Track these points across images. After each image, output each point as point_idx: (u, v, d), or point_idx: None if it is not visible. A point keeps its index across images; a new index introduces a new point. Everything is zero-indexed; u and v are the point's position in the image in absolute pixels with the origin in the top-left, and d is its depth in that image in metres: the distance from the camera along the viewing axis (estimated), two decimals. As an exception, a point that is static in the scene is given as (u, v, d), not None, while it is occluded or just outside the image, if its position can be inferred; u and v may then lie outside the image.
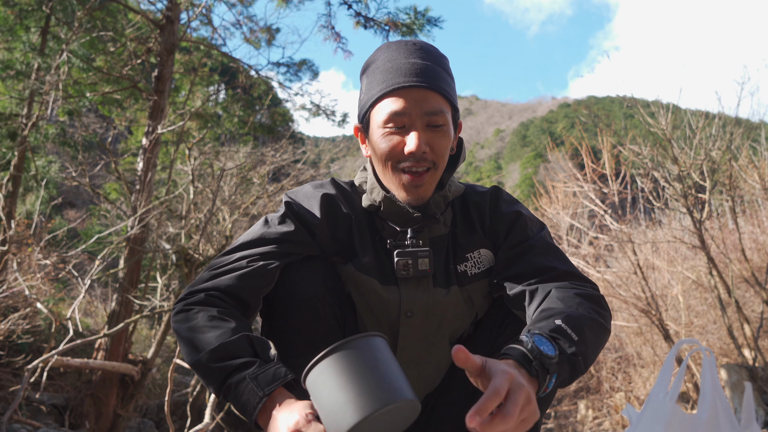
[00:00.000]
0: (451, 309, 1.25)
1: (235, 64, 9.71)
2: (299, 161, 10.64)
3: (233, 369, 0.96)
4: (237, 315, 1.09)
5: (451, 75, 1.25)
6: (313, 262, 1.22)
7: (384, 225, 1.27)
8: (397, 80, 1.16)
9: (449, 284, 1.25)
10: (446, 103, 1.18)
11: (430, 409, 1.32)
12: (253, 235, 1.21)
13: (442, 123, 1.17)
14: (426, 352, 1.27)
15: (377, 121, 1.18)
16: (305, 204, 1.26)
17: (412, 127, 1.16)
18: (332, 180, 1.34)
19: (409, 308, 1.23)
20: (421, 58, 1.19)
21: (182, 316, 1.09)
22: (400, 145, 1.16)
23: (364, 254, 1.24)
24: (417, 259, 1.20)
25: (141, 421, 7.65)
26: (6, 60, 7.68)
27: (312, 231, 1.23)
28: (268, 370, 0.95)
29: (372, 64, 1.24)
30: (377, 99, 1.18)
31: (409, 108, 1.14)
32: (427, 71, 1.17)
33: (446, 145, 1.19)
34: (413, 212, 1.22)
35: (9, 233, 6.01)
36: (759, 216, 9.60)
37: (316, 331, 1.16)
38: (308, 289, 1.17)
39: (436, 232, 1.27)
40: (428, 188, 1.21)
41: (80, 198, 23.40)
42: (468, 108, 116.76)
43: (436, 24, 6.88)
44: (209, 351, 0.98)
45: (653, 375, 7.40)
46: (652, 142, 6.62)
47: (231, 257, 1.18)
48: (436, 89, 1.16)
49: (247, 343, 1.00)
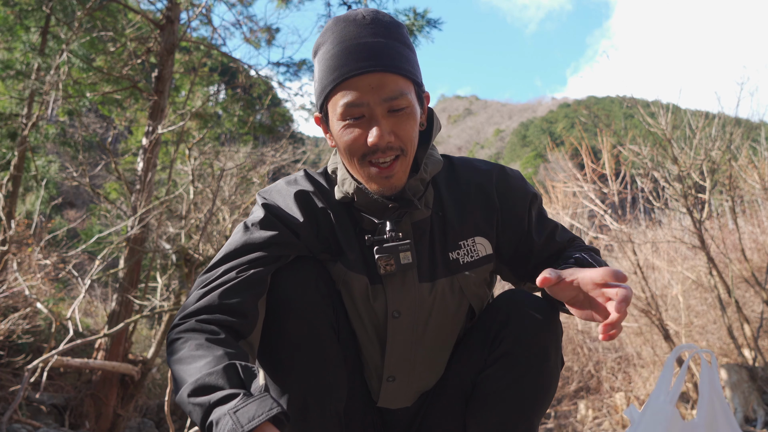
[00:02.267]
0: (438, 305, 1.21)
1: (234, 64, 9.71)
2: (299, 161, 10.64)
3: (213, 403, 0.87)
4: (226, 340, 1.01)
5: (408, 45, 1.14)
6: (303, 264, 1.17)
7: (362, 217, 1.20)
8: (348, 68, 1.06)
9: (435, 277, 1.20)
10: (407, 81, 1.09)
11: (425, 408, 1.30)
12: (237, 244, 1.14)
13: (404, 105, 1.08)
14: (416, 351, 1.24)
15: (335, 114, 1.10)
16: (282, 204, 1.20)
17: (372, 117, 1.07)
18: (305, 173, 1.27)
19: (395, 308, 1.19)
20: (372, 35, 1.08)
21: (171, 348, 1.02)
22: (362, 137, 1.08)
23: (350, 250, 1.19)
24: (398, 254, 1.14)
25: (141, 421, 7.65)
26: (6, 60, 7.68)
27: (296, 231, 1.17)
28: (250, 404, 0.85)
29: (322, 46, 1.13)
30: (330, 91, 1.09)
31: (366, 97, 1.06)
32: (381, 51, 1.07)
33: (412, 127, 1.11)
34: (388, 202, 1.15)
35: (9, 233, 6.01)
36: (759, 216, 9.60)
37: (312, 338, 1.13)
38: (300, 295, 1.13)
39: (418, 216, 1.20)
40: (400, 176, 1.13)
41: (80, 198, 23.39)
42: (468, 108, 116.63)
43: (435, 25, 6.87)
44: (189, 384, 0.91)
45: (653, 375, 7.40)
46: (652, 142, 6.62)
47: (217, 271, 1.11)
48: (393, 70, 1.06)
49: (233, 372, 0.91)
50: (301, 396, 1.13)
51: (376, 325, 1.22)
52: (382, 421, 1.32)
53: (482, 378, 1.21)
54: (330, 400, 1.15)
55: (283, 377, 1.14)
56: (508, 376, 1.17)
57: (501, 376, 1.18)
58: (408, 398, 1.29)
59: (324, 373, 1.14)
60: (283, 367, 1.14)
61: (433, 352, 1.26)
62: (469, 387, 1.24)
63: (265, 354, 1.15)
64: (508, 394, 1.17)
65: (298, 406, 1.13)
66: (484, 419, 1.19)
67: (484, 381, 1.20)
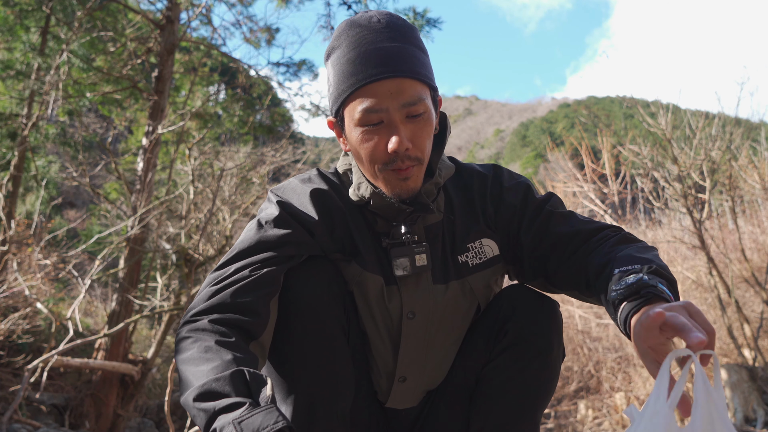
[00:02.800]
0: (450, 306, 1.22)
1: (234, 64, 9.72)
2: (299, 161, 10.64)
3: (218, 411, 0.85)
4: (237, 343, 0.98)
5: (423, 49, 1.13)
6: (315, 264, 1.16)
7: (376, 219, 1.21)
8: (367, 73, 1.05)
9: (447, 279, 1.21)
10: (423, 86, 1.08)
11: (429, 407, 1.31)
12: (250, 242, 1.12)
13: (422, 111, 1.07)
14: (428, 351, 1.25)
15: (352, 120, 1.09)
16: (296, 202, 1.18)
17: (390, 123, 1.06)
18: (318, 171, 1.26)
19: (411, 309, 1.20)
20: (389, 39, 1.07)
21: (180, 346, 1.00)
22: (381, 144, 1.08)
23: (366, 250, 1.19)
24: (414, 256, 1.15)
25: (141, 421, 7.66)
26: (6, 60, 7.69)
27: (311, 230, 1.16)
28: (256, 415, 0.82)
29: (336, 50, 1.11)
30: (348, 96, 1.08)
31: (385, 103, 1.05)
32: (399, 56, 1.06)
33: (429, 133, 1.11)
34: (404, 206, 1.15)
35: (9, 233, 6.01)
36: (759, 216, 9.61)
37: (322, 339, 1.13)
38: (312, 296, 1.12)
39: (431, 220, 1.22)
40: (416, 180, 1.13)
41: (80, 198, 23.40)
42: (468, 108, 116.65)
43: (435, 25, 6.88)
44: (196, 388, 0.88)
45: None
46: (651, 142, 6.63)
47: (230, 268, 1.09)
48: (411, 75, 1.06)
49: (240, 380, 0.89)
50: (308, 396, 1.13)
51: (390, 326, 1.22)
52: (387, 421, 1.33)
53: (486, 371, 1.22)
54: (337, 401, 1.15)
55: (291, 377, 1.14)
56: (512, 368, 1.18)
57: (505, 368, 1.19)
58: (416, 398, 1.31)
59: (333, 374, 1.14)
60: (292, 367, 1.14)
61: (443, 352, 1.27)
62: (473, 382, 1.25)
63: (274, 353, 1.15)
64: (512, 386, 1.18)
65: (305, 406, 1.13)
66: (489, 412, 1.21)
67: (489, 374, 1.21)
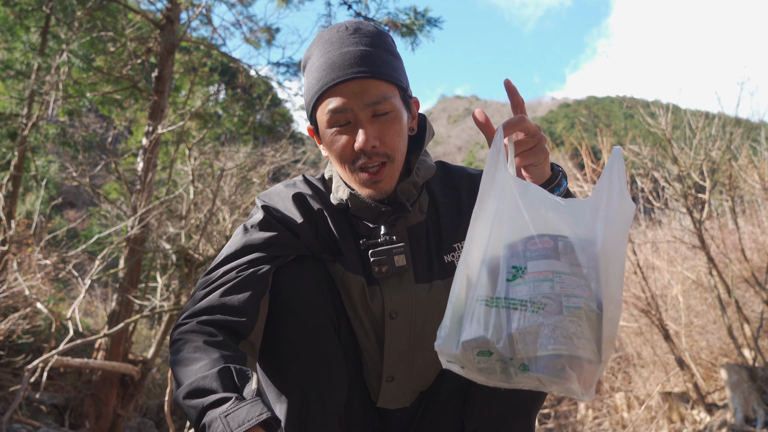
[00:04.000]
0: (435, 305, 1.22)
1: (234, 64, 9.72)
2: (299, 161, 10.65)
3: (206, 407, 0.90)
4: (224, 342, 1.03)
5: (393, 52, 1.17)
6: (303, 263, 1.19)
7: (358, 222, 1.23)
8: (330, 77, 1.10)
9: (431, 278, 1.22)
10: (390, 86, 1.12)
11: (423, 407, 1.30)
12: (237, 246, 1.16)
13: (388, 110, 1.11)
14: (414, 351, 1.24)
15: (323, 123, 1.14)
16: (281, 206, 1.22)
17: (357, 123, 1.11)
18: (303, 177, 1.30)
19: (393, 309, 1.20)
20: (354, 44, 1.12)
21: (172, 348, 1.05)
22: (350, 143, 1.12)
23: (348, 252, 1.21)
24: (392, 257, 1.16)
25: (141, 421, 7.66)
26: (6, 60, 7.68)
27: (296, 232, 1.19)
28: (242, 408, 0.88)
29: (309, 60, 1.18)
30: (317, 101, 1.14)
31: (349, 103, 1.09)
32: (363, 58, 1.11)
33: (398, 131, 1.14)
34: (381, 207, 1.18)
35: (9, 233, 6.01)
36: (759, 216, 9.61)
37: (313, 337, 1.14)
38: (302, 294, 1.14)
39: (413, 221, 1.23)
40: (389, 181, 1.16)
41: (80, 198, 23.39)
42: (468, 108, 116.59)
43: (435, 24, 6.87)
44: (185, 387, 0.94)
45: (653, 375, 7.40)
46: (652, 142, 6.63)
47: (218, 272, 1.13)
48: (375, 76, 1.10)
49: (227, 376, 0.94)
50: (301, 394, 1.13)
51: (374, 325, 1.23)
52: (382, 421, 1.33)
53: None
54: (331, 399, 1.15)
55: (284, 375, 1.15)
56: None
57: None
58: (407, 398, 1.30)
59: (325, 372, 1.15)
60: (285, 365, 1.14)
61: (430, 352, 1.26)
62: (466, 382, 1.24)
63: (267, 352, 1.16)
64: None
65: (298, 404, 1.13)
66: (484, 412, 1.21)
67: None
